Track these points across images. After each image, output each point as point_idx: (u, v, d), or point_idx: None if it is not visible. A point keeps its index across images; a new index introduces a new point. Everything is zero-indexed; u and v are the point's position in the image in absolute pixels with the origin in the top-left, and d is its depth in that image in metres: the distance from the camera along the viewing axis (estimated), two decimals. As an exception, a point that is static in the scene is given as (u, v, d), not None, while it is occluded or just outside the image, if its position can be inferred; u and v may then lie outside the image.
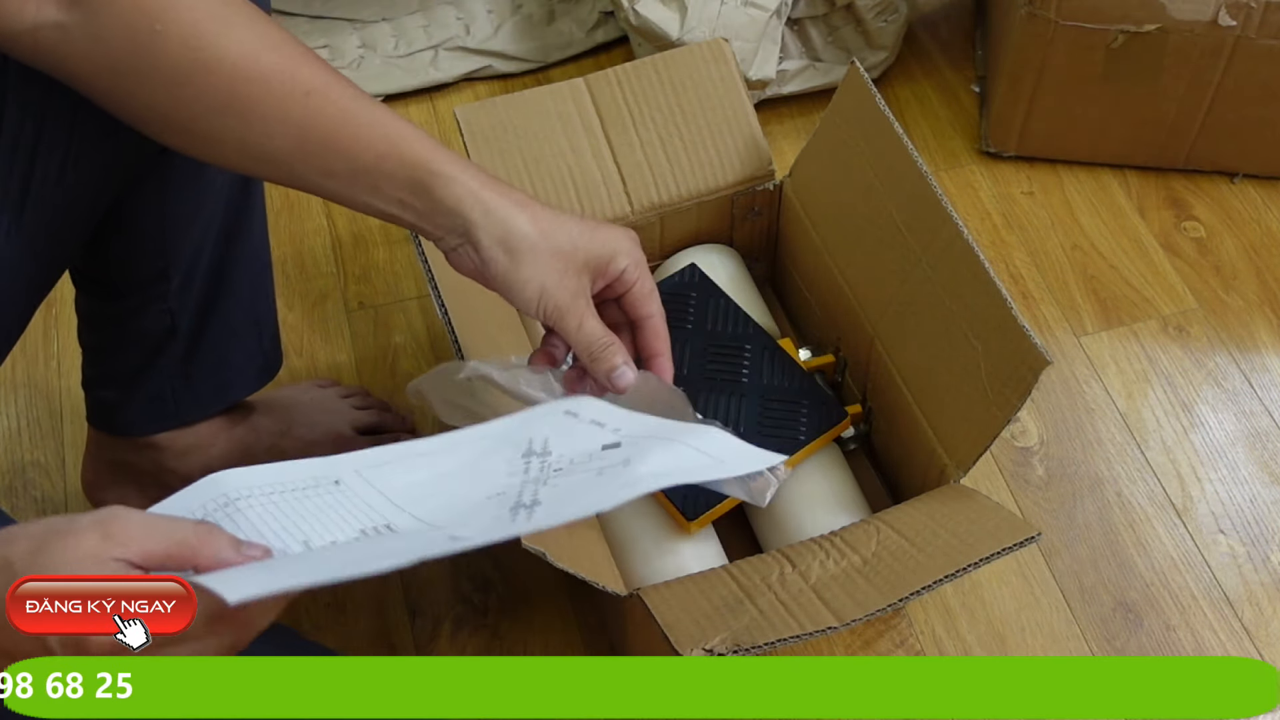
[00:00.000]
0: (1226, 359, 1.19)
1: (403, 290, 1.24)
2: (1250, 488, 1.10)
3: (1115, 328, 1.21)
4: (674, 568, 0.93)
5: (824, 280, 1.07)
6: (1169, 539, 1.07)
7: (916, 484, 0.98)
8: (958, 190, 1.33)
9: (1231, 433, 1.14)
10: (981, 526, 0.82)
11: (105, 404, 1.00)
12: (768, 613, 0.78)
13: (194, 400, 1.00)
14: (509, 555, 1.05)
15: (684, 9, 1.30)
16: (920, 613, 1.02)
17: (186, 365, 0.97)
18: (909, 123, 1.40)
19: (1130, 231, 1.29)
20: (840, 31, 1.39)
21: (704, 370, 1.02)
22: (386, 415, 1.11)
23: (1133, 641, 1.01)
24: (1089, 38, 1.21)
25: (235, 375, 1.01)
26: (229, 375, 1.00)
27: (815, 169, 1.06)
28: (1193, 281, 1.25)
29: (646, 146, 1.06)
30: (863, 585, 0.79)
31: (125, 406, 0.99)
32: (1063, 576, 1.05)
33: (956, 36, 1.49)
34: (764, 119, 1.35)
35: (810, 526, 0.95)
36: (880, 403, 1.02)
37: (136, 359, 0.96)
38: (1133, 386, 1.17)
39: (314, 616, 1.02)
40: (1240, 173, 1.33)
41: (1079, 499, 1.09)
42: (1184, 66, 1.22)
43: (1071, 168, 1.34)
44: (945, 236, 0.89)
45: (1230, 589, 1.04)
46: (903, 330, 0.96)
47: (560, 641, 1.01)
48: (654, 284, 0.78)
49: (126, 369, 0.97)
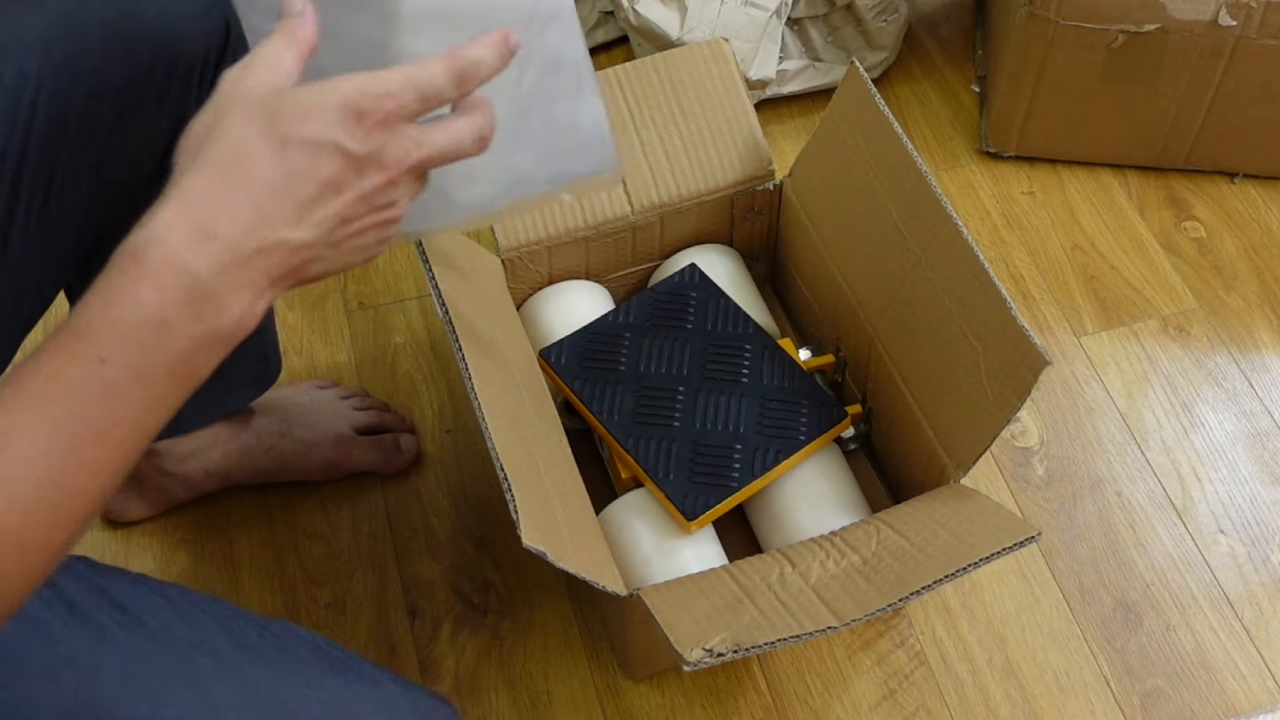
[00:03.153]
0: (1226, 359, 1.19)
1: (403, 290, 1.24)
2: (1250, 488, 1.10)
3: (1115, 328, 1.21)
4: (674, 568, 0.93)
5: (824, 280, 1.07)
6: (1169, 539, 1.07)
7: (916, 484, 0.98)
8: (958, 190, 1.33)
9: (1231, 433, 1.14)
10: (981, 526, 0.82)
11: None
12: (768, 613, 0.78)
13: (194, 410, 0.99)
14: (509, 555, 1.05)
15: (684, 9, 1.30)
16: (920, 613, 1.02)
17: None
18: (909, 123, 1.40)
19: (1130, 231, 1.29)
20: (840, 31, 1.39)
21: (704, 370, 1.02)
22: (386, 415, 1.11)
23: (1133, 641, 1.01)
24: (1089, 38, 1.21)
25: (234, 384, 1.00)
26: (228, 384, 1.00)
27: (815, 169, 1.06)
28: (1193, 281, 1.25)
29: (646, 146, 1.06)
30: (863, 585, 0.79)
31: None
32: (1063, 576, 1.05)
33: (956, 36, 1.49)
34: (764, 119, 1.35)
35: (810, 526, 0.95)
36: (880, 403, 1.02)
37: None
38: (1133, 386, 1.17)
39: (313, 617, 1.02)
40: (1240, 173, 1.33)
41: (1079, 499, 1.09)
42: (1184, 66, 1.22)
43: (1071, 168, 1.34)
44: (945, 236, 0.89)
45: (1230, 589, 1.04)
46: (903, 330, 0.96)
47: (560, 642, 1.01)
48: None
49: None
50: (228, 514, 1.08)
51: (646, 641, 0.92)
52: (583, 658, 1.00)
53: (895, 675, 0.99)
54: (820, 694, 0.98)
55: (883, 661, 1.00)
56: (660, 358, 1.03)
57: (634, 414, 0.99)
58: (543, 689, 0.99)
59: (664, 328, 1.04)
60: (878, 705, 0.98)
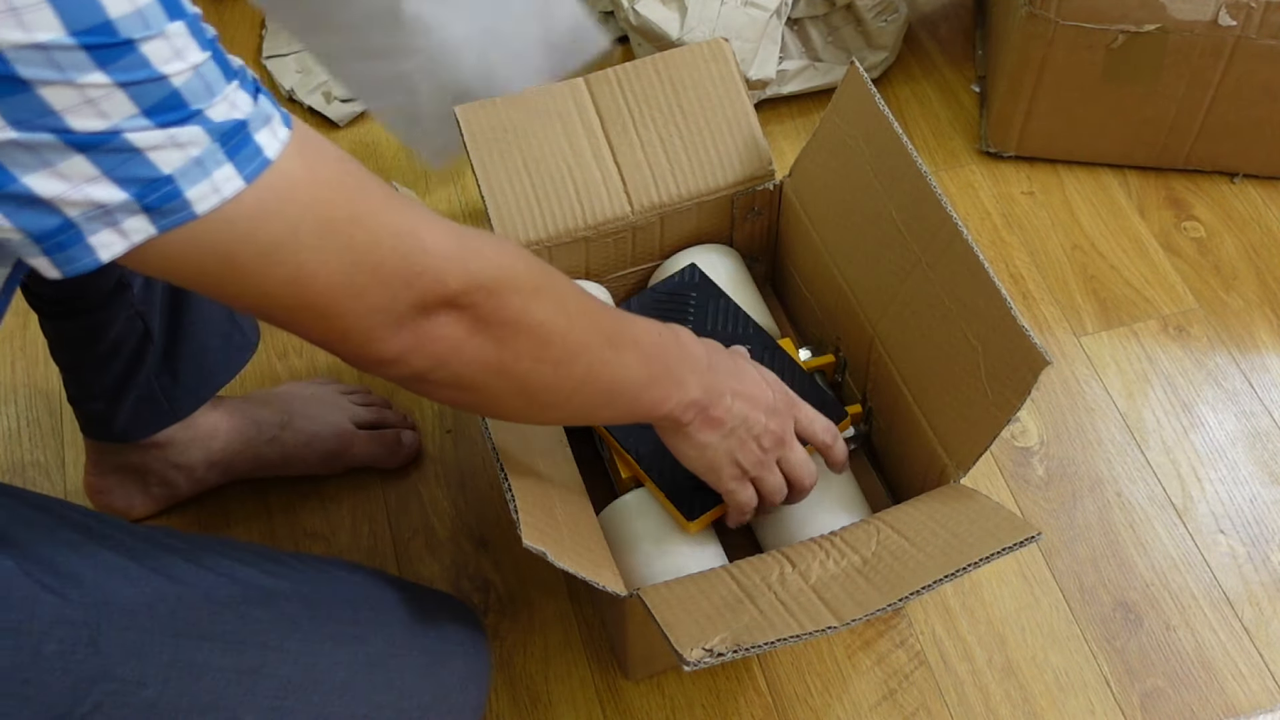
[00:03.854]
0: (1226, 359, 1.19)
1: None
2: (1250, 488, 1.10)
3: (1115, 328, 1.21)
4: (674, 568, 0.93)
5: (824, 280, 1.07)
6: (1169, 539, 1.07)
7: (916, 484, 0.98)
8: (958, 190, 1.33)
9: (1231, 433, 1.14)
10: (981, 526, 0.82)
11: (97, 416, 1.00)
12: (768, 612, 0.78)
13: (184, 393, 1.00)
14: (509, 555, 1.05)
15: (684, 9, 1.30)
16: (920, 613, 1.02)
17: (170, 362, 0.97)
18: (909, 123, 1.40)
19: (1130, 231, 1.29)
20: (840, 31, 1.39)
21: (704, 370, 1.02)
22: (387, 412, 1.11)
23: (1133, 641, 1.01)
24: (1089, 38, 1.21)
25: (218, 359, 1.01)
26: (212, 361, 1.00)
27: (815, 169, 1.06)
28: (1193, 281, 1.25)
29: (646, 146, 1.06)
30: (863, 585, 0.79)
31: (117, 415, 0.98)
32: (1063, 576, 1.05)
33: (956, 36, 1.49)
34: (764, 119, 1.36)
35: (810, 526, 0.95)
36: (880, 403, 1.02)
37: (119, 369, 0.96)
38: (1133, 386, 1.17)
39: (314, 616, 1.02)
40: (1240, 173, 1.33)
41: (1079, 499, 1.09)
42: (1184, 66, 1.22)
43: (1071, 168, 1.34)
44: (945, 236, 0.89)
45: (1230, 589, 1.04)
46: (903, 330, 0.96)
47: (560, 641, 1.01)
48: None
49: (111, 380, 0.96)
50: (228, 512, 1.08)
51: (646, 641, 0.92)
52: (583, 658, 1.00)
53: (895, 675, 0.99)
54: (820, 694, 0.98)
55: (883, 661, 1.00)
56: None
57: None
58: (543, 689, 0.99)
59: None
60: (878, 705, 0.98)
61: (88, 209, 0.51)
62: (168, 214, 0.52)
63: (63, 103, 0.48)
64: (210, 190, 0.53)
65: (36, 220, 0.51)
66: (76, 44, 0.48)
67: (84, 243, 0.52)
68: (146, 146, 0.51)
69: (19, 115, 0.48)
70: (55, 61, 0.47)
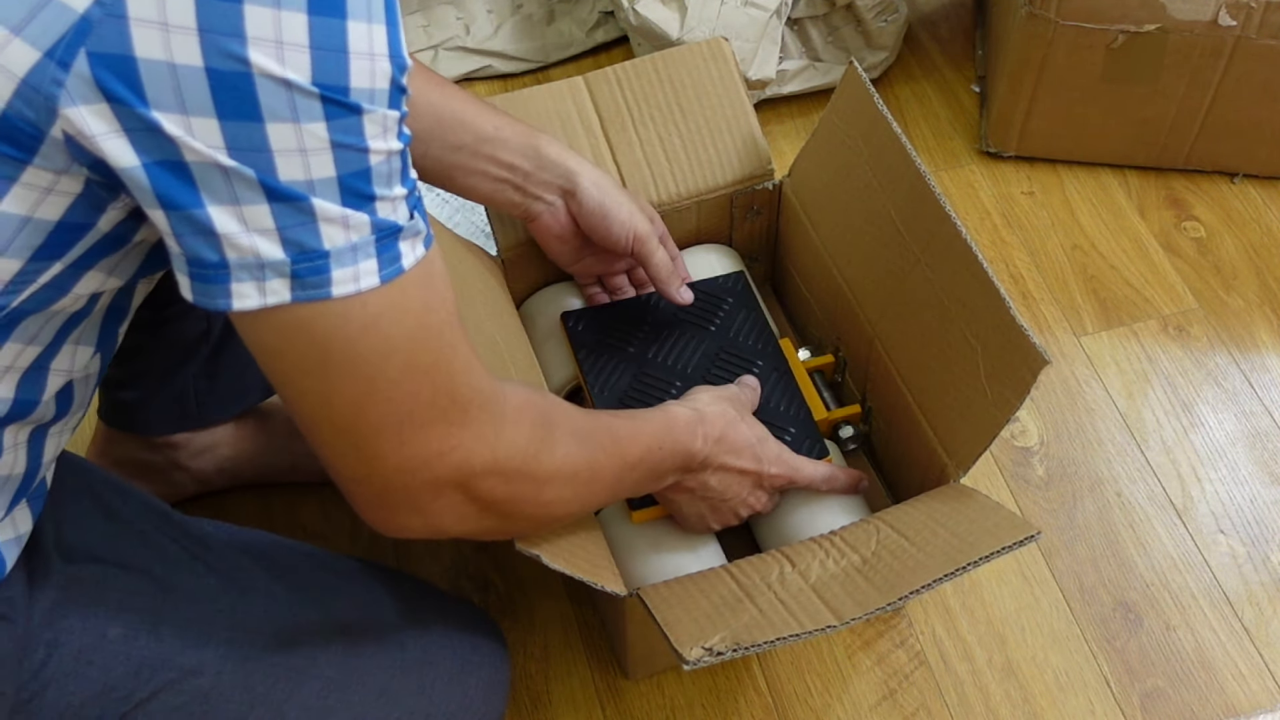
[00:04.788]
0: (1226, 359, 1.19)
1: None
2: (1250, 488, 1.10)
3: (1115, 328, 1.21)
4: (674, 568, 0.93)
5: (824, 280, 1.07)
6: (1169, 539, 1.07)
7: (916, 484, 0.97)
8: (958, 190, 1.33)
9: (1231, 433, 1.14)
10: (981, 526, 0.82)
11: (125, 403, 1.00)
12: (767, 612, 0.78)
13: (216, 401, 1.01)
14: (509, 555, 1.05)
15: (684, 9, 1.30)
16: (920, 613, 1.02)
17: (212, 365, 0.98)
18: (909, 123, 1.40)
19: (1130, 231, 1.29)
20: (840, 31, 1.39)
21: (707, 372, 1.01)
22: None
23: (1133, 641, 1.01)
24: (1089, 38, 1.21)
25: (256, 377, 1.00)
26: (252, 376, 1.00)
27: (814, 169, 1.06)
28: (1193, 281, 1.25)
29: (646, 146, 1.06)
30: (862, 584, 0.79)
31: (148, 406, 0.99)
32: (1063, 576, 1.05)
33: (956, 36, 1.49)
34: (764, 119, 1.36)
35: (810, 526, 0.95)
36: (880, 403, 1.02)
37: (168, 360, 0.96)
38: (1133, 386, 1.17)
39: (314, 616, 1.02)
40: (1240, 173, 1.33)
41: (1079, 499, 1.09)
42: (1184, 66, 1.22)
43: (1071, 168, 1.34)
44: (944, 236, 0.89)
45: (1230, 589, 1.04)
46: (902, 330, 0.96)
47: (560, 641, 1.01)
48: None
49: (157, 370, 0.97)
50: (230, 513, 1.08)
51: (646, 641, 0.92)
52: (583, 658, 1.00)
53: (895, 675, 0.99)
54: (820, 694, 0.98)
55: (883, 661, 1.00)
56: (672, 349, 1.03)
57: (624, 393, 0.99)
58: (543, 689, 0.99)
59: (688, 323, 1.04)
60: (878, 705, 0.98)
61: (246, 256, 0.53)
62: (309, 287, 0.54)
63: (281, 142, 0.51)
64: (351, 278, 0.55)
65: (199, 247, 0.53)
66: (317, 92, 0.50)
67: (226, 285, 0.54)
68: (323, 218, 0.53)
69: (240, 142, 0.50)
70: (293, 102, 0.50)
